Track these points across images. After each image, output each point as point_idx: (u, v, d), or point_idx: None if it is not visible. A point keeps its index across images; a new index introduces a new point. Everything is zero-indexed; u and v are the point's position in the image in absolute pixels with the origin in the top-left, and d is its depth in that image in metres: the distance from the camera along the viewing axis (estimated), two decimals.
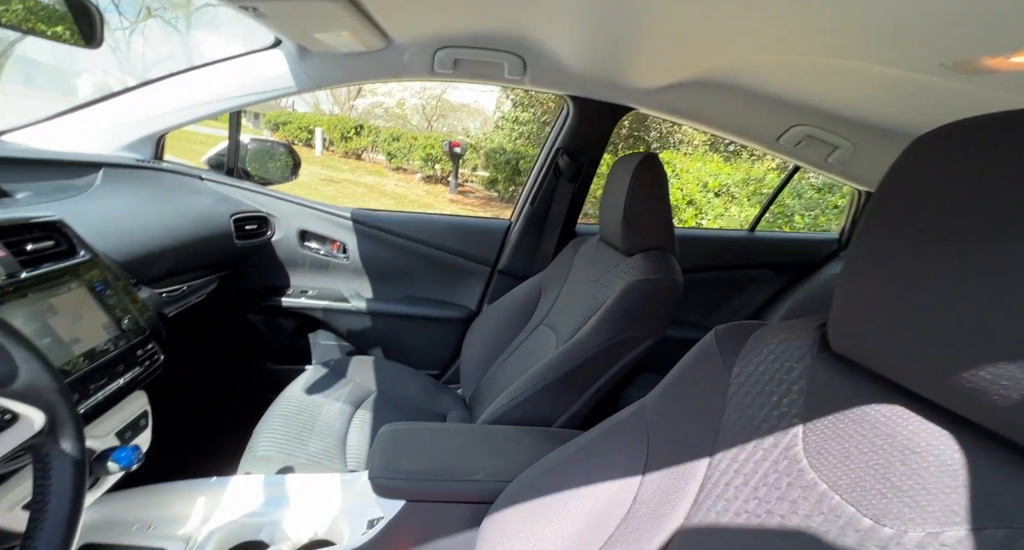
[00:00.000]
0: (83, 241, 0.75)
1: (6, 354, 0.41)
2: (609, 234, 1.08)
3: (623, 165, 1.02)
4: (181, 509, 0.80)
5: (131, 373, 0.72)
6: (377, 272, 1.50)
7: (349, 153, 11.55)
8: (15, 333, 0.42)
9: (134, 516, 0.77)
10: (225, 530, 0.76)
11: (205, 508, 0.81)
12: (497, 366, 1.26)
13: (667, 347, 0.98)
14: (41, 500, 0.41)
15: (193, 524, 0.78)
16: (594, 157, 1.43)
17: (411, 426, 0.80)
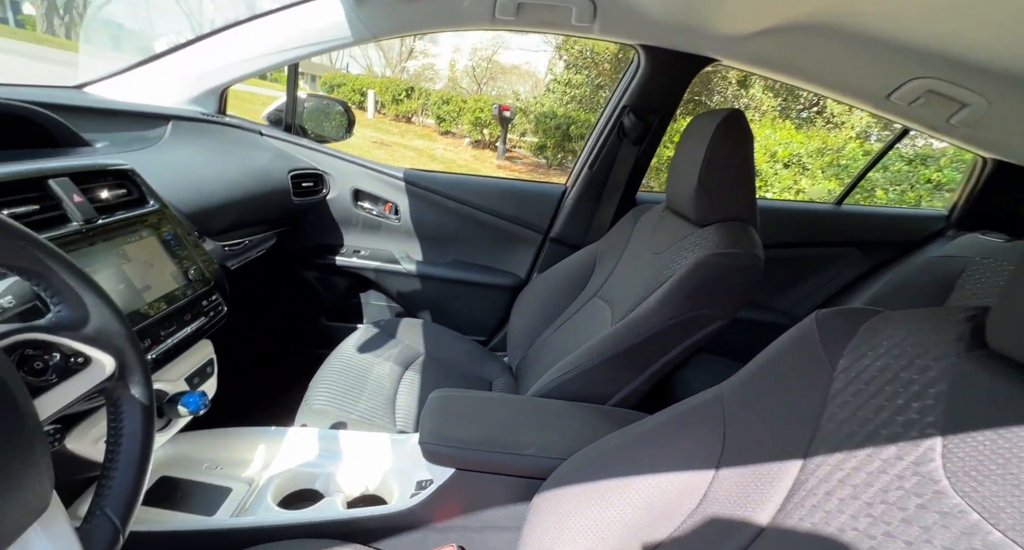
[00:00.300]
0: (153, 191, 0.76)
1: (78, 299, 0.41)
2: (679, 202, 0.99)
3: (702, 123, 0.91)
4: (245, 453, 0.84)
5: (197, 322, 0.74)
6: (427, 235, 1.48)
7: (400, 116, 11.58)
8: (87, 278, 0.41)
9: (204, 455, 0.82)
10: (283, 477, 0.79)
11: (266, 454, 0.84)
12: (546, 337, 1.22)
13: (730, 328, 0.90)
14: (114, 441, 0.42)
15: (255, 468, 0.82)
16: (664, 116, 1.31)
17: (461, 393, 0.78)
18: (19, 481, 0.32)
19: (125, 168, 0.72)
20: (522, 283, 1.49)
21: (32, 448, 0.33)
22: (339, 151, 1.42)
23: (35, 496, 0.34)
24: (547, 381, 0.86)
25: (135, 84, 1.17)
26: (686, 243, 0.93)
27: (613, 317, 1.03)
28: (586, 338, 1.05)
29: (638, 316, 0.84)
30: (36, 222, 0.57)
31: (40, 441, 0.34)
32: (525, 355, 1.25)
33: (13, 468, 0.32)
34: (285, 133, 1.37)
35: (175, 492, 0.75)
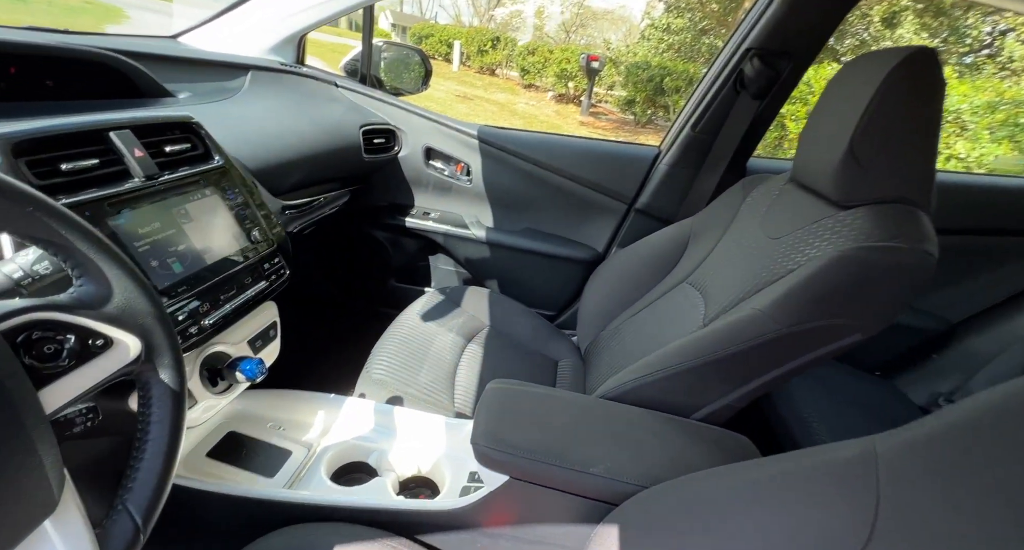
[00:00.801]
0: (218, 146, 0.73)
1: (99, 273, 0.36)
2: (813, 174, 0.77)
3: (865, 68, 0.68)
4: (306, 417, 0.84)
5: (258, 286, 0.72)
6: (499, 199, 1.37)
7: (484, 68, 11.29)
8: (108, 249, 0.37)
9: (270, 414, 0.84)
10: (338, 449, 0.78)
11: (324, 421, 0.84)
12: (622, 321, 1.09)
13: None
14: (142, 429, 0.39)
15: (314, 434, 0.82)
16: (800, 63, 1.03)
17: (521, 388, 0.70)
18: (18, 484, 0.29)
19: (189, 120, 0.68)
20: (599, 258, 1.34)
21: (32, 448, 0.29)
22: (414, 105, 1.33)
23: (40, 497, 0.30)
24: (621, 382, 0.74)
25: (223, 32, 1.16)
26: (819, 229, 0.72)
27: (706, 311, 0.87)
28: (670, 330, 0.91)
29: (744, 318, 0.68)
30: (97, 178, 0.55)
31: (44, 438, 0.30)
32: (597, 338, 1.13)
33: (9, 472, 0.28)
34: (360, 85, 1.31)
35: (240, 449, 0.77)
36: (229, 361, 0.69)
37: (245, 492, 0.65)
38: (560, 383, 1.11)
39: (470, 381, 1.00)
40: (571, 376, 1.12)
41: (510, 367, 1.09)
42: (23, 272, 0.39)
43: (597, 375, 1.02)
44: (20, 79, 0.71)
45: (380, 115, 1.29)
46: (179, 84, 0.96)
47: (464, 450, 0.78)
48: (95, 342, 0.35)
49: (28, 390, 0.30)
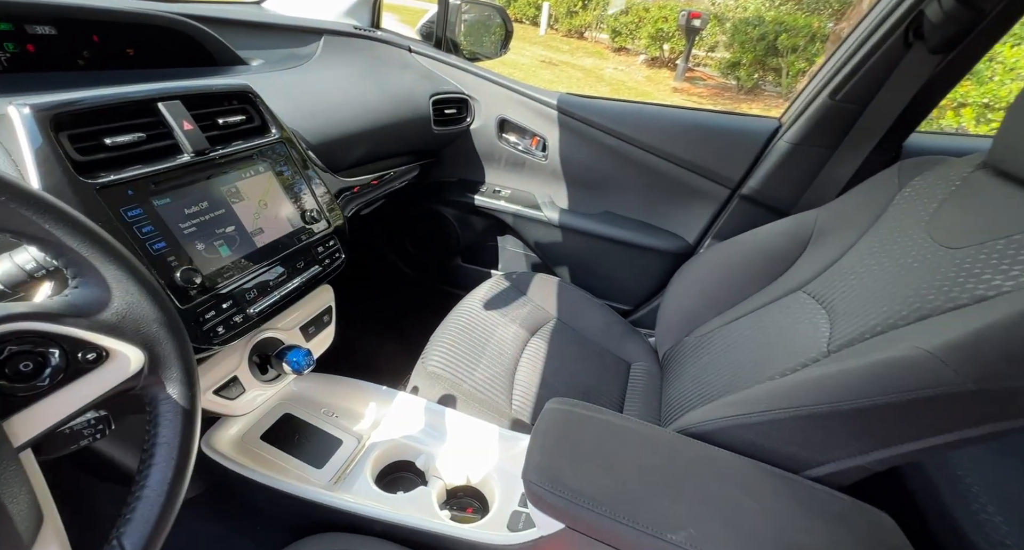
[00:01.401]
0: (276, 118, 0.68)
1: (96, 273, 0.31)
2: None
3: None
4: (358, 406, 0.81)
5: (311, 271, 0.67)
6: (577, 178, 1.23)
7: (572, 31, 10.68)
8: (107, 245, 0.31)
9: (325, 400, 0.82)
10: (387, 446, 0.74)
11: (376, 412, 0.80)
12: (713, 328, 0.92)
13: None
14: (147, 451, 0.34)
15: (365, 425, 0.79)
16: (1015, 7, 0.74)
17: (585, 412, 0.59)
18: None
19: (246, 90, 0.63)
20: (688, 250, 1.16)
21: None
22: (490, 72, 1.21)
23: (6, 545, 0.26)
24: (713, 416, 0.60)
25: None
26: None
27: (833, 333, 0.68)
28: (779, 350, 0.73)
29: (902, 359, 0.50)
30: (144, 153, 0.51)
31: (9, 477, 0.26)
32: (680, 343, 0.98)
33: None
34: (434, 49, 1.21)
35: (293, 434, 0.76)
36: (278, 350, 0.66)
37: (291, 489, 0.63)
38: (632, 389, 0.98)
39: (530, 381, 0.91)
40: (646, 383, 0.99)
41: (576, 367, 0.98)
42: (35, 264, 0.35)
43: (679, 389, 0.88)
44: (103, 48, 0.71)
45: (453, 83, 1.19)
46: (254, 51, 0.93)
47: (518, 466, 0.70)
48: (85, 355, 0.30)
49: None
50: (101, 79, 0.66)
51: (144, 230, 0.48)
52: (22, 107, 0.42)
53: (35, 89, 0.54)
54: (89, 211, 0.44)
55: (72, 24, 0.66)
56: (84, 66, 0.68)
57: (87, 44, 0.69)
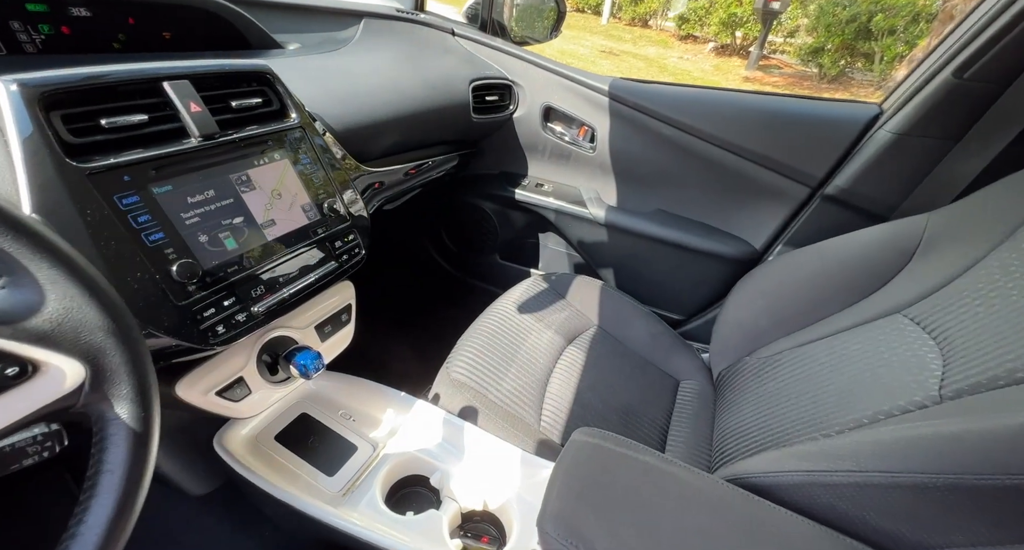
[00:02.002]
0: (298, 103, 0.63)
1: (26, 273, 0.26)
2: None
3: None
4: (376, 412, 0.76)
5: (325, 267, 0.62)
6: (628, 172, 1.11)
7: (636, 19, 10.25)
8: (40, 239, 0.26)
9: (343, 401, 0.78)
10: (401, 459, 0.69)
11: (393, 420, 0.75)
12: (782, 348, 0.79)
13: None
14: (90, 478, 0.30)
15: (381, 432, 0.74)
16: None
17: (618, 449, 0.49)
18: None
19: (261, 70, 0.59)
20: (754, 257, 1.01)
21: None
22: (537, 55, 1.12)
23: None
24: (780, 468, 0.49)
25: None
26: None
27: (947, 372, 0.54)
28: (868, 384, 0.60)
29: None
30: (148, 136, 0.48)
31: None
32: (740, 363, 0.85)
33: None
34: (479, 32, 1.14)
35: (308, 435, 0.72)
36: (288, 350, 0.62)
37: (297, 504, 0.59)
38: (680, 412, 0.87)
39: (563, 395, 0.83)
40: (696, 406, 0.87)
41: (616, 381, 0.88)
42: None
43: (737, 418, 0.76)
44: (139, 30, 0.70)
45: (496, 68, 1.12)
46: (292, 34, 0.90)
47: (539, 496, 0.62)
48: (5, 370, 0.26)
49: None
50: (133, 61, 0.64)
51: (140, 220, 0.45)
52: (9, 83, 0.39)
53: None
54: (77, 198, 0.41)
55: (108, 5, 0.65)
56: (119, 49, 0.67)
57: (123, 27, 0.68)
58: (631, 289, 1.13)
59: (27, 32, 0.57)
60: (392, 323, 1.39)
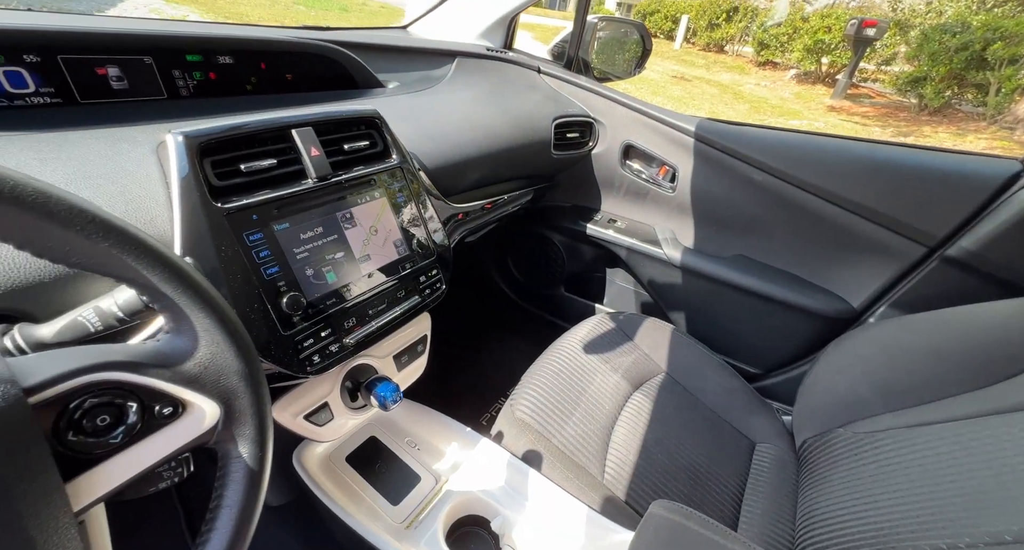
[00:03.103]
0: (398, 144, 0.67)
1: (187, 321, 0.29)
2: None
3: None
4: (441, 444, 0.77)
5: (410, 301, 0.65)
6: (709, 215, 1.07)
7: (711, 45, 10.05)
8: (202, 291, 0.29)
9: (411, 429, 0.80)
10: (464, 498, 0.68)
11: (457, 454, 0.76)
12: (886, 427, 0.70)
13: None
14: (212, 510, 0.32)
15: (444, 465, 0.75)
16: None
17: (703, 532, 0.46)
18: None
19: (372, 116, 0.63)
20: (850, 316, 0.93)
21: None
22: (622, 94, 1.12)
23: None
24: None
25: (444, 19, 1.16)
26: None
27: None
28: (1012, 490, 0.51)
29: None
30: (274, 178, 0.52)
31: (67, 544, 0.24)
32: (830, 435, 0.77)
33: None
34: (563, 70, 1.16)
35: (376, 459, 0.74)
36: (369, 379, 0.64)
37: (362, 531, 0.61)
38: (756, 479, 0.80)
39: (628, 447, 0.79)
40: (775, 475, 0.80)
41: (685, 438, 0.83)
42: (131, 305, 0.35)
43: (826, 498, 0.68)
44: (268, 74, 0.78)
45: (579, 106, 1.13)
46: (394, 73, 0.97)
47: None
48: (162, 409, 0.29)
49: (49, 487, 0.23)
50: (265, 102, 0.72)
51: (261, 255, 0.49)
52: (176, 135, 0.45)
53: (212, 113, 0.60)
54: (216, 235, 0.45)
55: (246, 54, 0.73)
56: (251, 90, 0.76)
57: (256, 71, 0.76)
58: (704, 336, 1.07)
59: (184, 79, 0.65)
60: (453, 348, 1.41)
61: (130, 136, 0.50)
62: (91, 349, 0.27)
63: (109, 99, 0.59)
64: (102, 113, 0.56)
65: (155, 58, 0.62)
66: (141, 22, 0.69)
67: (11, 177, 0.22)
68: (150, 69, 0.62)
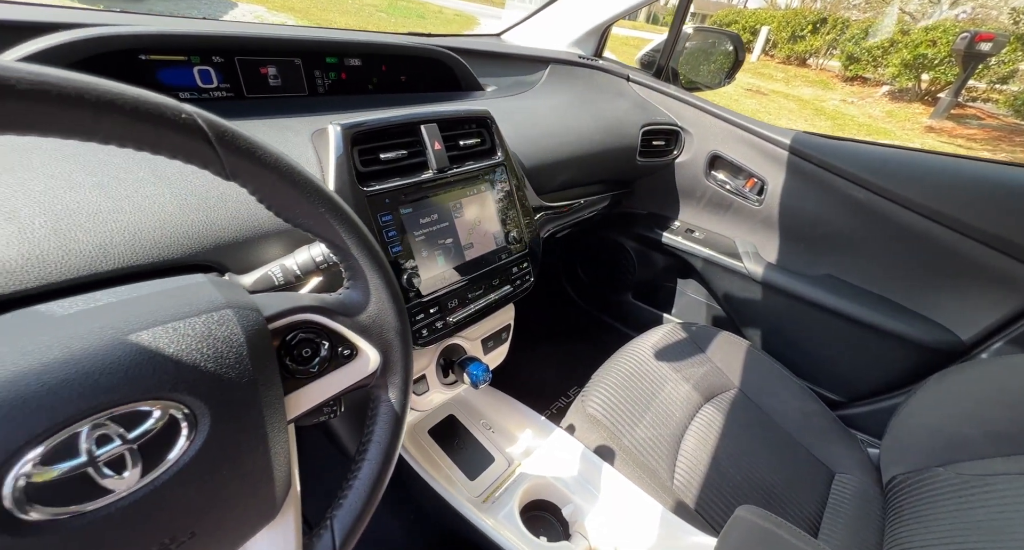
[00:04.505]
0: (503, 142, 0.72)
1: (365, 280, 0.34)
2: None
3: None
4: (515, 429, 0.81)
5: (503, 290, 0.69)
6: (797, 231, 1.03)
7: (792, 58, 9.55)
8: (378, 258, 0.35)
9: (486, 412, 0.84)
10: (537, 482, 0.71)
11: (531, 441, 0.79)
12: (995, 471, 0.65)
13: None
14: (363, 444, 0.37)
15: (517, 450, 0.78)
16: None
17: (792, 541, 0.45)
18: (246, 493, 0.28)
19: (485, 115, 0.69)
20: (956, 349, 0.86)
21: (266, 457, 0.29)
22: (712, 104, 1.11)
23: (261, 508, 0.30)
24: None
25: (539, 27, 1.21)
26: None
27: None
28: None
29: None
30: (403, 168, 0.59)
31: (280, 446, 0.30)
32: (926, 473, 0.72)
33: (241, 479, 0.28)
34: (653, 79, 1.17)
35: (455, 437, 0.79)
36: (461, 358, 0.69)
37: (445, 495, 0.65)
38: (835, 512, 0.76)
39: (698, 457, 0.79)
40: (857, 508, 0.76)
41: (758, 457, 0.81)
42: (322, 257, 0.41)
43: (921, 539, 0.64)
44: (387, 75, 0.86)
45: (667, 114, 1.13)
46: (490, 78, 1.03)
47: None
48: (343, 351, 0.34)
49: (278, 396, 0.29)
50: (385, 100, 0.79)
51: (389, 234, 0.55)
52: (335, 126, 0.52)
53: (344, 109, 0.68)
54: (360, 214, 0.51)
55: (371, 56, 0.81)
56: (372, 90, 0.84)
57: (377, 72, 0.84)
58: (781, 356, 1.03)
59: (322, 78, 0.74)
60: (517, 347, 1.45)
61: (289, 125, 0.58)
62: (302, 295, 0.33)
63: (267, 94, 0.68)
64: (263, 106, 0.65)
65: (303, 60, 0.71)
66: (289, 29, 0.79)
67: (293, 165, 0.28)
68: (298, 69, 0.71)
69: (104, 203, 0.36)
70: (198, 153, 0.24)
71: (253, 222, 0.44)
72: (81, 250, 0.33)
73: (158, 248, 0.37)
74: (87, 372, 0.22)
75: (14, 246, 0.31)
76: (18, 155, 0.37)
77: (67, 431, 0.21)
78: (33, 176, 0.36)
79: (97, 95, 0.20)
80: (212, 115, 0.25)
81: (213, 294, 0.28)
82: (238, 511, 0.28)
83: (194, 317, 0.26)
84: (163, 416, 0.24)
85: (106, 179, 0.38)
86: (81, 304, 0.25)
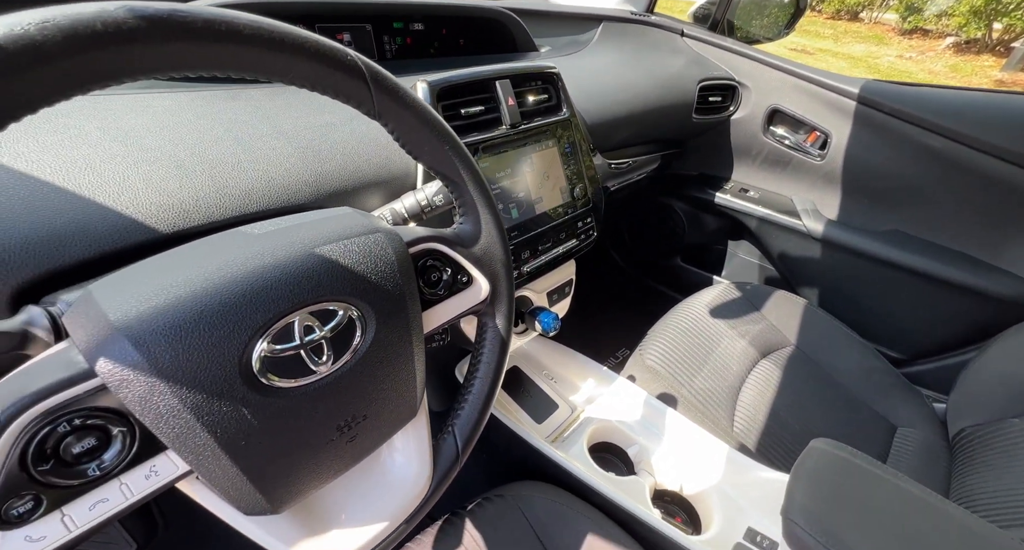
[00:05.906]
0: (568, 99, 0.73)
1: (476, 215, 0.38)
2: None
3: None
4: (576, 379, 0.85)
5: (569, 243, 0.71)
6: (863, 186, 1.00)
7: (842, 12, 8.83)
8: (488, 195, 0.38)
9: (547, 363, 0.88)
10: (601, 425, 0.75)
11: (592, 389, 0.83)
12: None
13: None
14: (473, 365, 0.42)
15: (579, 398, 0.82)
16: None
17: (868, 468, 0.47)
18: (398, 391, 0.33)
19: (554, 72, 0.70)
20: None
21: (411, 362, 0.33)
22: (771, 55, 1.07)
23: (407, 407, 0.34)
24: None
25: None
26: None
27: None
28: None
29: None
30: (479, 123, 0.61)
31: (420, 355, 0.34)
32: (1000, 424, 0.72)
33: (394, 380, 0.32)
34: (708, 32, 1.13)
35: (520, 386, 0.84)
36: (532, 308, 0.73)
37: (520, 432, 0.70)
38: (895, 461, 0.77)
39: (757, 407, 0.80)
40: (920, 460, 0.77)
41: (817, 409, 0.82)
42: (426, 202, 0.45)
43: (993, 484, 0.65)
44: (448, 39, 0.88)
45: (723, 68, 1.10)
46: (542, 38, 1.03)
47: (747, 498, 0.63)
48: (461, 278, 0.38)
49: (418, 311, 0.33)
50: (448, 63, 0.81)
51: None
52: (422, 82, 0.55)
53: (415, 71, 0.70)
54: None
55: (433, 20, 0.83)
56: (433, 54, 0.86)
57: (438, 36, 0.85)
58: (840, 314, 1.02)
59: (389, 44, 0.77)
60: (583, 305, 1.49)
61: None
62: (427, 228, 0.36)
63: None
64: None
65: (373, 26, 0.74)
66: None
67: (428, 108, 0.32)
68: (369, 35, 0.74)
69: (243, 155, 0.41)
70: (356, 92, 0.28)
71: (357, 174, 0.48)
72: (232, 194, 0.38)
73: (288, 194, 0.42)
74: (294, 273, 0.26)
75: (186, 190, 0.36)
76: (170, 115, 0.42)
77: (284, 320, 0.26)
78: (188, 132, 0.41)
79: (293, 41, 0.23)
80: (367, 59, 0.28)
81: (365, 220, 0.32)
82: (391, 405, 0.33)
83: (356, 237, 0.30)
84: (344, 315, 0.28)
85: (240, 134, 0.43)
86: (270, 226, 0.29)
